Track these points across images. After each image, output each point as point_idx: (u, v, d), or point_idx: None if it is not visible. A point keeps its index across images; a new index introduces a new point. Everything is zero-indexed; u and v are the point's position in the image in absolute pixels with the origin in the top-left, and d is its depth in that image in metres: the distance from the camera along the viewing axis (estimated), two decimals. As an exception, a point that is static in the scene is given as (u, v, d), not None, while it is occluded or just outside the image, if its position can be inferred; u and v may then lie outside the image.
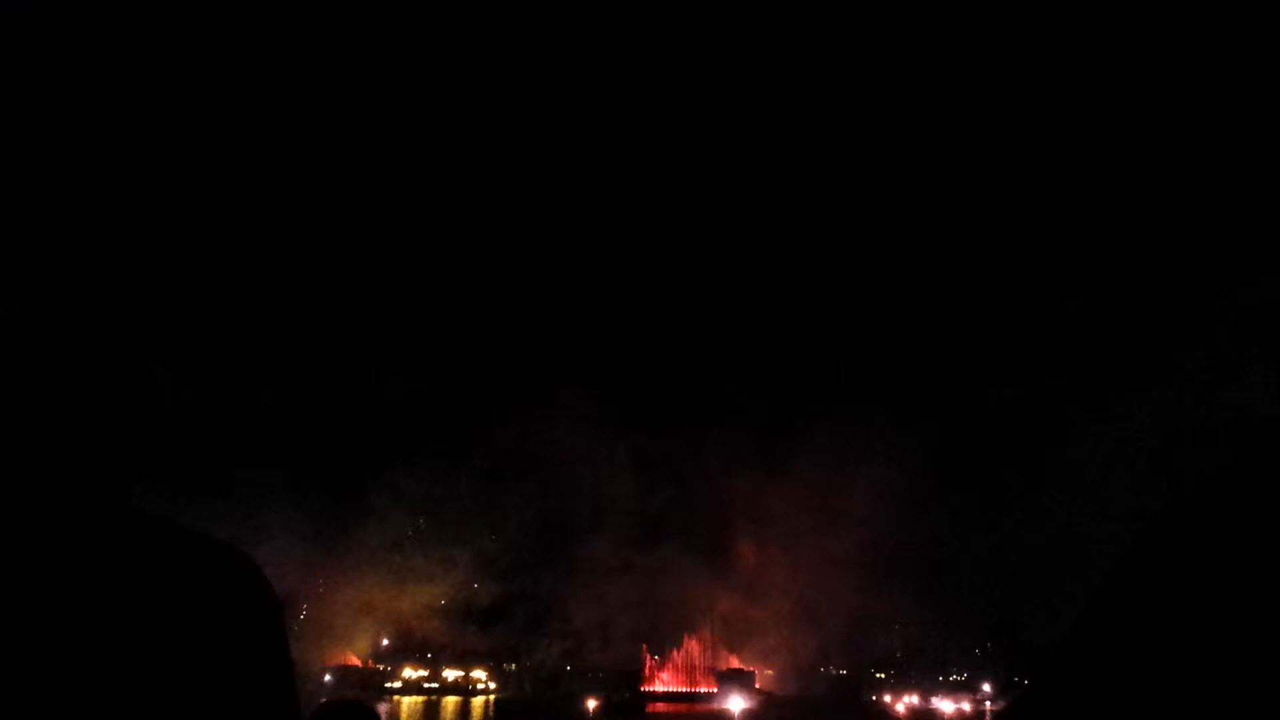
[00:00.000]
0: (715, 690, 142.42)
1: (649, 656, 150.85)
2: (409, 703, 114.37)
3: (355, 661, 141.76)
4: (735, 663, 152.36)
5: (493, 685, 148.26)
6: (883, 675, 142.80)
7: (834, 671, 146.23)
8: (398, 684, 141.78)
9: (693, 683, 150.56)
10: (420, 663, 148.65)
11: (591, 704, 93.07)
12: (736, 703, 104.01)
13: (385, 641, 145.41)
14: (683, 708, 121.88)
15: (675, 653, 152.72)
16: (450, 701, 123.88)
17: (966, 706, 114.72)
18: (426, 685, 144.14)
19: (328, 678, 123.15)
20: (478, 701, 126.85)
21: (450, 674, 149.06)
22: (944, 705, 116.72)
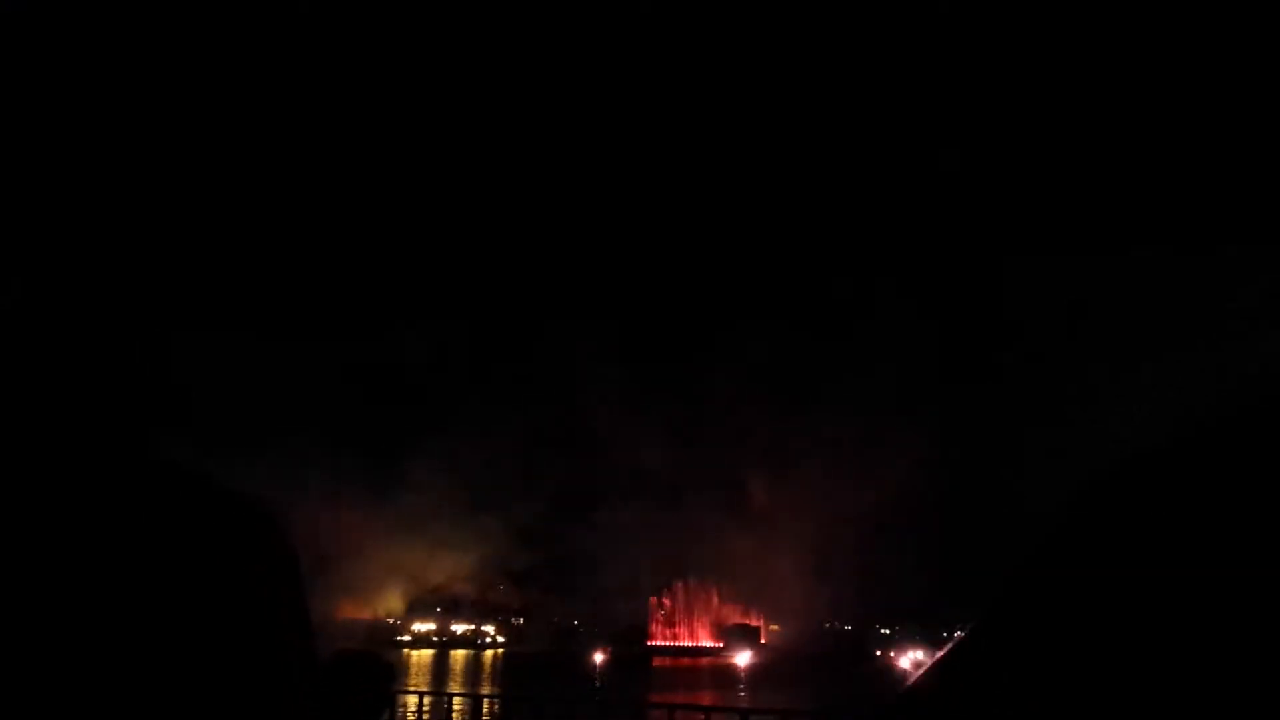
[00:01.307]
0: (721, 645, 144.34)
1: (657, 612, 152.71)
2: (418, 656, 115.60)
3: (366, 615, 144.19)
4: (741, 618, 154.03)
5: (500, 639, 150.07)
6: (887, 631, 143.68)
7: (839, 627, 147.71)
8: (407, 637, 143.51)
9: (699, 637, 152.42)
10: (430, 616, 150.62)
11: (599, 658, 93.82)
12: (742, 657, 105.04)
13: (408, 599, 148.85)
14: (689, 662, 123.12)
15: (682, 608, 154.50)
16: (459, 655, 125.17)
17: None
18: (435, 639, 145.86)
19: (338, 630, 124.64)
20: (487, 655, 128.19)
21: (459, 628, 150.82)
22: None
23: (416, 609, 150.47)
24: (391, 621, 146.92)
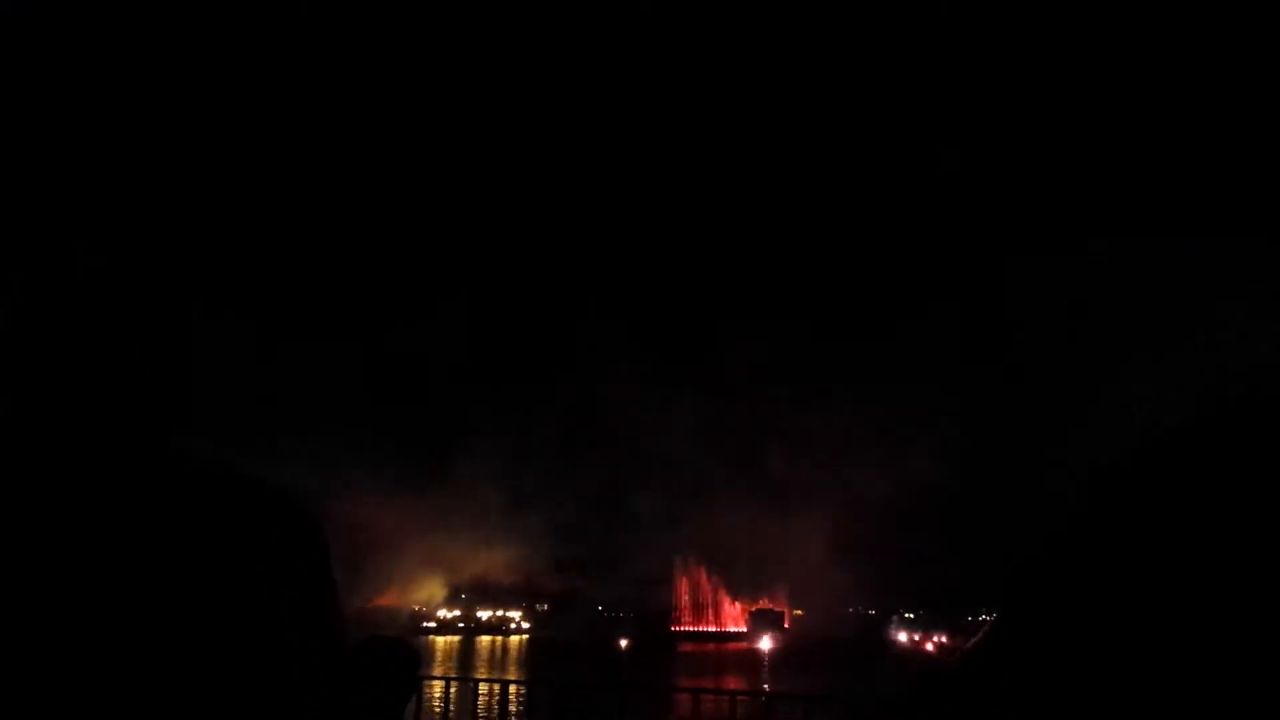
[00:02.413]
0: (745, 630, 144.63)
1: (682, 598, 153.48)
2: (445, 642, 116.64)
3: (410, 603, 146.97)
4: (765, 603, 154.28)
5: (525, 625, 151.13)
6: (911, 615, 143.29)
7: (863, 612, 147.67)
8: (433, 624, 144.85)
9: (723, 622, 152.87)
10: (457, 603, 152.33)
11: (624, 643, 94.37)
12: (766, 642, 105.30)
13: (450, 589, 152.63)
14: (714, 647, 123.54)
15: (707, 594, 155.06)
16: (485, 640, 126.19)
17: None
18: (461, 625, 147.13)
19: (381, 617, 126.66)
20: (513, 640, 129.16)
21: (484, 614, 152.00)
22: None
23: (455, 598, 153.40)
24: (417, 608, 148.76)
